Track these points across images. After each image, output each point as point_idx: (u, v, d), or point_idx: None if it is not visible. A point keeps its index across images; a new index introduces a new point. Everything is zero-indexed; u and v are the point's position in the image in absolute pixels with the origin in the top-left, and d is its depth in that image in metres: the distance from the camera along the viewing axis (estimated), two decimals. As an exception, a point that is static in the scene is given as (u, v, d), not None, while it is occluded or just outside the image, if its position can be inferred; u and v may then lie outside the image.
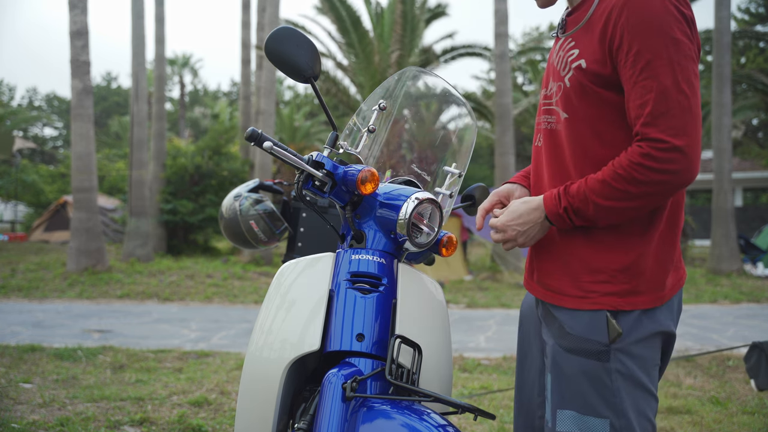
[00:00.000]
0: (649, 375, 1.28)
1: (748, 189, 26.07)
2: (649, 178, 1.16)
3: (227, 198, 2.25)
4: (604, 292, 1.27)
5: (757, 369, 3.18)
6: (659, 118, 1.15)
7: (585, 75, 1.26)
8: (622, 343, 1.25)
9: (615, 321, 1.25)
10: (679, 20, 1.17)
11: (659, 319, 1.28)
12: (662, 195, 1.19)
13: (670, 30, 1.16)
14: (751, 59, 23.04)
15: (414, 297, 1.41)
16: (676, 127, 1.14)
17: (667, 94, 1.15)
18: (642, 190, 1.17)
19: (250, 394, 1.32)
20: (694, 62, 1.18)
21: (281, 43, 1.37)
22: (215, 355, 4.91)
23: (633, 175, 1.17)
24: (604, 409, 1.25)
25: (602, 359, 1.26)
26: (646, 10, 1.16)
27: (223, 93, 49.18)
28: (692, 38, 1.19)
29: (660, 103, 1.15)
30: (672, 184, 1.17)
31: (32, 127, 42.50)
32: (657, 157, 1.15)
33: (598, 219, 1.24)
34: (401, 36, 13.00)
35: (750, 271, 11.98)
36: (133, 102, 12.36)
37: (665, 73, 1.15)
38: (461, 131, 1.68)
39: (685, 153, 1.14)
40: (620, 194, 1.19)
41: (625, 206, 1.20)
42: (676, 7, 1.17)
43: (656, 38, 1.16)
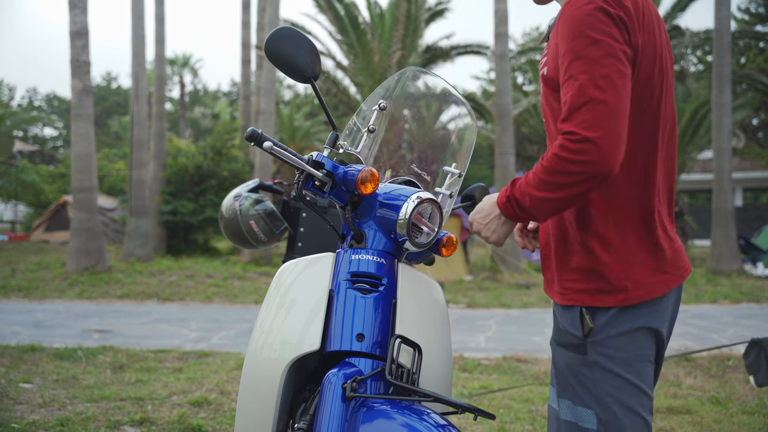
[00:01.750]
0: (633, 369, 1.32)
1: (748, 189, 26.07)
2: (565, 169, 1.21)
3: (227, 198, 2.25)
4: (577, 290, 1.35)
5: (756, 365, 3.19)
6: (574, 113, 1.21)
7: (547, 81, 1.35)
8: (597, 337, 1.32)
9: (588, 316, 1.33)
10: (603, 21, 1.22)
11: (640, 316, 1.32)
12: (581, 185, 1.22)
13: (589, 32, 1.22)
14: (751, 59, 23.04)
15: (414, 297, 1.41)
16: (588, 120, 1.19)
17: (583, 90, 1.20)
18: (561, 180, 1.22)
19: (250, 394, 1.32)
20: (617, 60, 1.22)
21: (281, 43, 1.37)
22: (215, 355, 4.91)
23: (552, 167, 1.23)
24: (589, 400, 1.33)
25: (581, 352, 1.34)
26: (572, 16, 1.24)
27: (223, 93, 49.18)
28: (619, 38, 1.23)
29: (576, 98, 1.21)
30: (587, 174, 1.20)
31: (32, 127, 42.50)
32: (570, 148, 1.20)
33: (534, 210, 1.29)
34: (403, 36, 13.00)
35: (750, 271, 11.98)
36: (133, 102, 12.36)
37: (581, 72, 1.21)
38: (461, 131, 1.68)
39: (597, 144, 1.18)
40: (546, 185, 1.25)
41: (552, 197, 1.25)
42: (603, 9, 1.22)
43: (576, 41, 1.23)
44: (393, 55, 12.86)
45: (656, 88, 1.32)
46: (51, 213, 18.06)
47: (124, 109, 43.46)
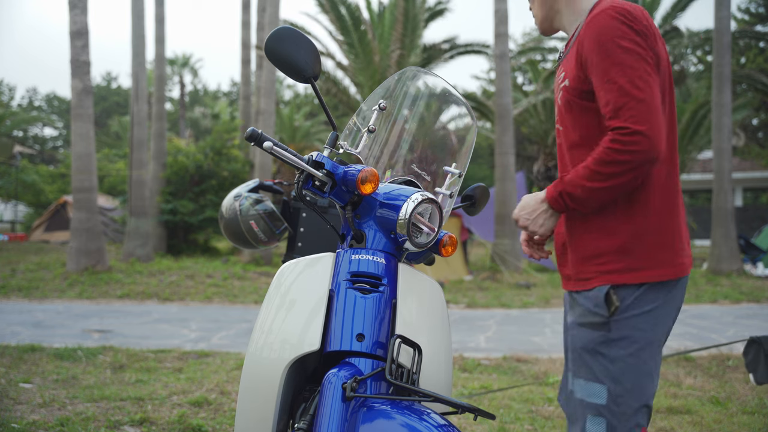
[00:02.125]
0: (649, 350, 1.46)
1: (748, 189, 26.07)
2: (617, 159, 1.38)
3: (227, 198, 2.25)
4: (605, 271, 1.48)
5: (755, 363, 3.18)
6: (619, 111, 1.39)
7: (569, 92, 1.52)
8: (622, 315, 1.46)
9: (615, 296, 1.46)
10: (629, 33, 1.42)
11: (663, 296, 1.47)
12: (631, 173, 1.39)
13: (620, 42, 1.41)
14: (751, 59, 23.04)
15: (414, 297, 1.41)
16: (635, 116, 1.37)
17: (623, 91, 1.39)
18: (613, 170, 1.39)
19: (250, 394, 1.32)
20: (647, 64, 1.41)
21: (281, 43, 1.37)
22: (215, 355, 4.91)
23: (605, 158, 1.39)
24: (603, 375, 1.46)
25: (604, 329, 1.47)
26: (600, 32, 1.43)
27: (223, 93, 49.17)
28: (644, 46, 1.42)
29: (618, 99, 1.39)
30: (636, 162, 1.38)
31: (32, 127, 42.49)
32: (623, 141, 1.37)
33: (586, 200, 1.45)
34: (402, 35, 13.00)
35: (750, 271, 11.97)
36: (133, 102, 12.36)
37: (618, 75, 1.40)
38: (461, 131, 1.68)
39: (646, 136, 1.36)
40: (598, 176, 1.41)
41: (605, 186, 1.41)
42: (626, 24, 1.42)
43: (609, 51, 1.41)
44: (392, 55, 12.86)
45: (667, 90, 1.50)
46: (51, 213, 18.06)
47: (124, 109, 43.45)
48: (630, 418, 1.44)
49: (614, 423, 1.43)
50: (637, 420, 1.44)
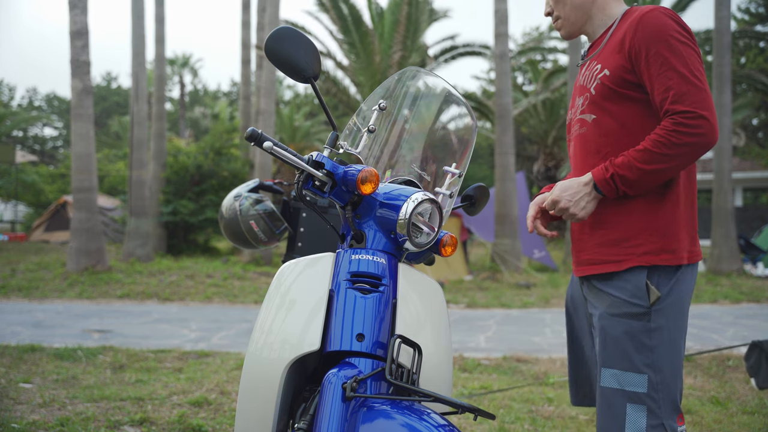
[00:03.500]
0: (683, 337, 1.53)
1: (748, 189, 26.06)
2: (683, 141, 1.44)
3: (227, 198, 2.25)
4: (642, 252, 1.52)
5: (757, 368, 3.18)
6: (683, 96, 1.46)
7: (610, 80, 1.57)
8: (663, 304, 1.51)
9: (654, 286, 1.50)
10: (680, 31, 1.51)
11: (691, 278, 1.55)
12: (692, 155, 1.47)
13: (676, 36, 1.50)
14: (751, 59, 23.03)
15: (414, 297, 1.41)
16: (698, 102, 1.45)
17: (685, 79, 1.47)
18: (677, 151, 1.45)
19: (250, 394, 1.32)
20: (699, 59, 1.50)
21: (281, 43, 1.37)
22: (215, 355, 4.91)
23: (671, 140, 1.45)
24: (643, 365, 1.49)
25: (644, 320, 1.50)
26: (656, 25, 1.51)
27: (223, 93, 49.17)
28: (695, 44, 1.52)
29: (681, 86, 1.46)
30: (700, 145, 1.46)
31: (32, 127, 42.49)
32: (689, 124, 1.44)
33: (638, 183, 1.50)
34: (404, 37, 13.00)
35: (750, 271, 11.97)
36: (133, 102, 12.36)
37: (680, 65, 1.48)
38: (461, 131, 1.68)
39: (708, 120, 1.45)
40: (659, 157, 1.46)
41: (663, 167, 1.47)
42: (676, 21, 1.52)
43: (667, 43, 1.49)
44: (393, 56, 12.86)
45: None
46: (51, 213, 18.06)
47: (124, 109, 43.44)
48: (670, 404, 1.49)
49: (655, 409, 1.47)
50: (676, 404, 1.50)
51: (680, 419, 1.50)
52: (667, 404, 1.48)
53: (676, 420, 1.49)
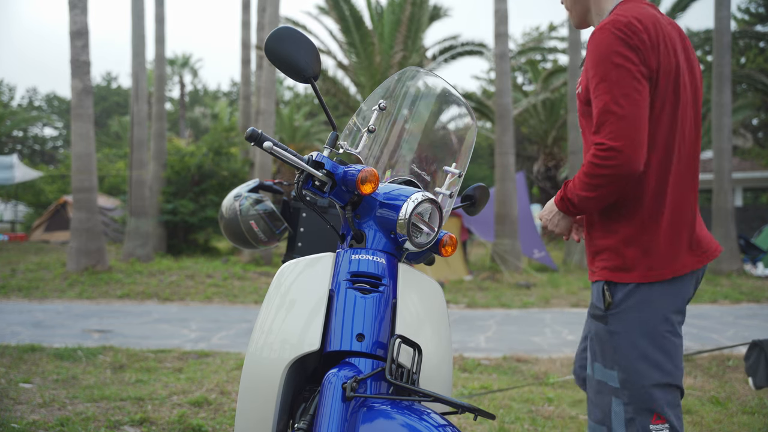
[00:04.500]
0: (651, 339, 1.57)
1: (748, 189, 26.05)
2: (597, 172, 1.51)
3: (227, 198, 2.24)
4: (602, 267, 1.64)
5: (755, 367, 3.18)
6: (600, 127, 1.50)
7: (580, 98, 1.65)
8: (616, 310, 1.60)
9: (608, 292, 1.61)
10: (621, 50, 1.49)
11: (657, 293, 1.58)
12: (612, 185, 1.51)
13: (612, 58, 1.50)
14: (751, 59, 23.03)
15: (414, 297, 1.41)
16: (612, 132, 1.47)
17: (606, 107, 1.49)
18: (597, 182, 1.52)
19: (250, 394, 1.32)
20: (634, 80, 1.49)
21: (281, 43, 1.37)
22: (215, 355, 4.91)
23: (591, 171, 1.52)
24: (612, 362, 1.60)
25: (604, 322, 1.62)
26: (597, 45, 1.53)
27: (223, 93, 49.16)
28: (636, 61, 1.50)
29: (601, 116, 1.50)
30: (615, 176, 1.49)
31: (32, 127, 42.49)
32: (600, 156, 1.50)
33: (581, 205, 1.60)
34: (405, 37, 13.00)
35: (750, 271, 11.97)
36: (133, 102, 12.36)
37: (605, 93, 1.50)
38: (461, 131, 1.68)
39: (620, 151, 1.47)
40: (587, 186, 1.55)
41: (591, 195, 1.55)
42: (621, 39, 1.50)
43: (601, 66, 1.51)
44: (395, 56, 12.87)
45: (674, 101, 1.57)
46: (51, 213, 18.06)
47: (124, 109, 43.43)
48: (641, 403, 1.55)
49: (627, 404, 1.57)
50: (647, 405, 1.54)
51: (657, 419, 1.54)
52: (636, 403, 1.56)
53: (650, 419, 1.54)
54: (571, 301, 8.69)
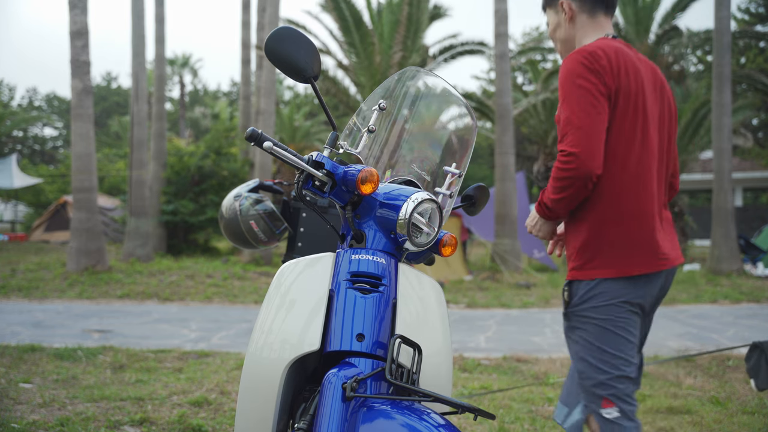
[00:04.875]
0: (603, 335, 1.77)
1: (748, 189, 26.07)
2: (561, 175, 1.73)
3: (227, 198, 2.24)
4: (571, 268, 1.85)
5: (757, 369, 3.18)
6: (563, 138, 1.74)
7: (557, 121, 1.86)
8: (574, 308, 1.82)
9: (567, 292, 1.84)
10: (584, 73, 1.75)
11: (615, 290, 1.76)
12: (574, 186, 1.73)
13: (573, 79, 1.75)
14: (751, 59, 23.03)
15: (414, 297, 1.40)
16: (572, 141, 1.71)
17: (567, 121, 1.74)
18: (562, 184, 1.74)
19: (250, 394, 1.32)
20: (594, 97, 1.73)
21: (281, 43, 1.37)
22: (215, 355, 4.91)
23: (557, 175, 1.75)
24: (573, 355, 1.85)
25: (567, 320, 1.86)
26: (565, 70, 1.79)
27: (223, 93, 49.16)
28: (596, 82, 1.74)
29: (564, 127, 1.75)
30: (576, 177, 1.72)
31: (32, 127, 42.49)
32: (562, 161, 1.73)
33: (554, 207, 1.81)
34: (404, 37, 12.99)
35: (750, 271, 11.97)
36: (133, 102, 12.36)
37: (567, 108, 1.75)
38: (461, 131, 1.68)
39: (578, 156, 1.69)
40: (554, 189, 1.77)
41: (560, 197, 1.77)
42: (584, 64, 1.75)
43: (566, 86, 1.77)
44: (394, 56, 12.86)
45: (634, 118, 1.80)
46: (51, 213, 18.07)
47: (124, 109, 43.44)
48: (592, 391, 1.78)
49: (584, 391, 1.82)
50: (598, 393, 1.77)
51: (607, 403, 1.76)
52: (590, 390, 1.79)
53: (601, 404, 1.77)
54: (571, 301, 8.68)
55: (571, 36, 1.99)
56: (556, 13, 2.02)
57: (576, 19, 1.97)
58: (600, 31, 1.95)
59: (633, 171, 1.78)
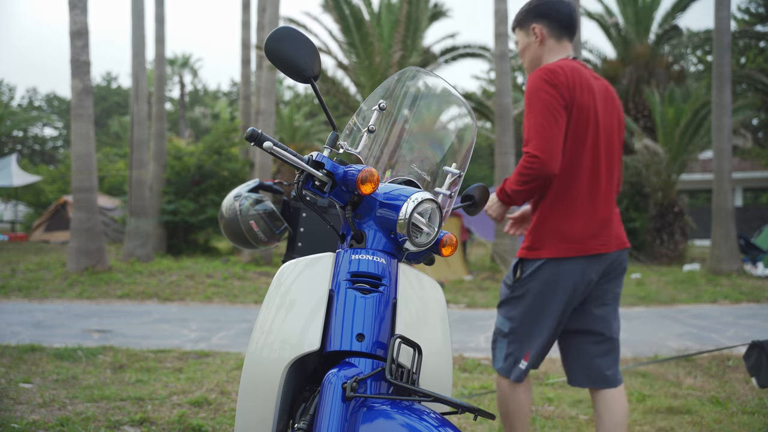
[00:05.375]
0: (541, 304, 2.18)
1: (748, 189, 26.07)
2: (525, 172, 2.10)
3: (227, 198, 2.24)
4: (521, 248, 2.25)
5: (758, 367, 3.18)
6: (528, 142, 2.10)
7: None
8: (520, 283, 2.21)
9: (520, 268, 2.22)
10: (546, 88, 2.09)
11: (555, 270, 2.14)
12: (535, 182, 2.11)
13: (536, 93, 2.10)
14: (751, 59, 23.03)
15: (414, 297, 1.41)
16: (535, 145, 2.07)
17: (531, 128, 2.09)
18: (524, 179, 2.11)
19: (250, 394, 1.32)
20: (553, 109, 2.08)
21: (281, 43, 1.37)
22: (215, 355, 4.91)
23: (521, 171, 2.11)
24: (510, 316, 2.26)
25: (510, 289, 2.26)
26: (529, 85, 2.13)
27: (223, 93, 49.17)
28: (555, 95, 2.09)
29: (528, 133, 2.10)
30: (537, 175, 2.08)
31: (32, 127, 42.49)
32: (528, 161, 2.09)
33: (513, 196, 2.18)
34: (404, 37, 12.99)
35: (750, 271, 11.96)
36: (133, 102, 12.36)
37: (532, 118, 2.10)
38: (461, 131, 1.68)
39: (539, 157, 2.06)
40: (517, 182, 2.14)
41: (520, 189, 2.14)
42: (545, 79, 2.10)
43: (530, 99, 2.12)
44: (394, 55, 12.86)
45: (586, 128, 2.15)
46: (51, 213, 18.06)
47: (124, 109, 43.44)
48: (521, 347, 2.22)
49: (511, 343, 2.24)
50: (525, 348, 2.21)
51: (526, 358, 2.21)
52: (518, 346, 2.22)
53: (523, 356, 2.22)
54: (571, 301, 8.68)
55: (539, 56, 2.32)
56: (526, 35, 2.33)
57: (545, 42, 2.30)
58: (563, 53, 2.29)
59: (584, 172, 2.15)
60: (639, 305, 8.48)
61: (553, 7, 2.30)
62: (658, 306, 8.44)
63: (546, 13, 2.29)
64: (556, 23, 2.29)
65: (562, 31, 2.29)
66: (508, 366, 2.24)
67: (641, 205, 15.32)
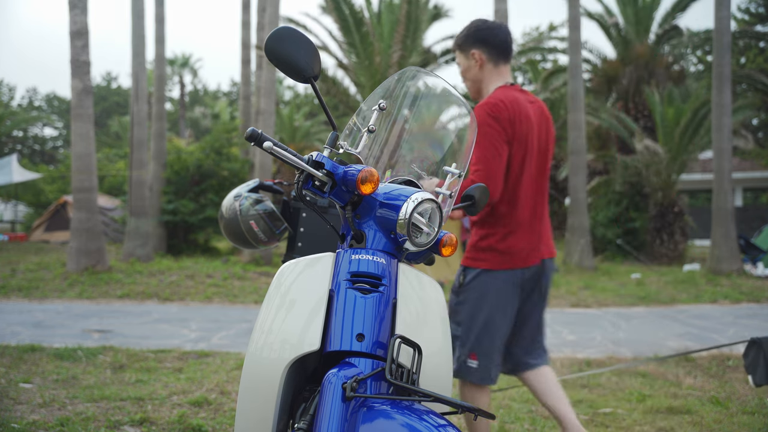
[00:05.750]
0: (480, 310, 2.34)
1: (748, 189, 26.06)
2: None
3: (227, 198, 2.24)
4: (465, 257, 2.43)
5: (755, 365, 3.17)
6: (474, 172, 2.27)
7: None
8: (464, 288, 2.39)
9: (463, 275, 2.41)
10: (489, 122, 2.28)
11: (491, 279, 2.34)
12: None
13: (482, 127, 2.27)
14: (751, 59, 23.03)
15: (414, 297, 1.41)
16: (479, 177, 2.25)
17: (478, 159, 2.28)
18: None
19: (250, 394, 1.32)
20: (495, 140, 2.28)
21: (281, 43, 1.37)
22: (215, 355, 4.91)
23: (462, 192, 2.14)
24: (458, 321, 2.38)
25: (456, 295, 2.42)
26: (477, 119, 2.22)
27: (223, 93, 49.17)
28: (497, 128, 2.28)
29: (475, 164, 2.28)
30: None
31: (32, 127, 42.49)
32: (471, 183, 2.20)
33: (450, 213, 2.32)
34: (404, 36, 12.99)
35: (750, 271, 11.96)
36: (133, 102, 12.36)
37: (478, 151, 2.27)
38: (461, 131, 1.68)
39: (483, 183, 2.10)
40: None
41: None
42: (489, 114, 2.28)
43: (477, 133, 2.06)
44: (393, 55, 12.86)
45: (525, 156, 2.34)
46: (51, 213, 18.06)
47: (124, 109, 43.45)
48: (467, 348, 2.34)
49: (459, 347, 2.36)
50: (470, 350, 2.34)
51: (473, 357, 2.34)
52: (464, 347, 2.35)
53: (469, 356, 2.34)
54: (571, 301, 8.69)
55: (479, 78, 2.49)
56: (467, 59, 2.48)
57: (484, 66, 2.45)
58: (501, 79, 2.45)
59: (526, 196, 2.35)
60: (639, 305, 8.49)
61: (491, 33, 2.45)
62: (658, 306, 8.44)
63: (484, 38, 2.44)
64: (493, 49, 2.44)
65: (500, 56, 2.45)
66: (458, 367, 2.38)
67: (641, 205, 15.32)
